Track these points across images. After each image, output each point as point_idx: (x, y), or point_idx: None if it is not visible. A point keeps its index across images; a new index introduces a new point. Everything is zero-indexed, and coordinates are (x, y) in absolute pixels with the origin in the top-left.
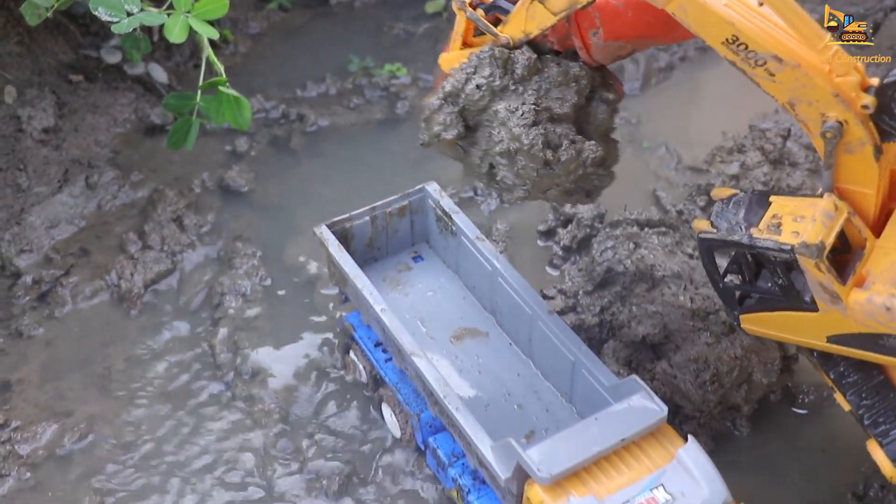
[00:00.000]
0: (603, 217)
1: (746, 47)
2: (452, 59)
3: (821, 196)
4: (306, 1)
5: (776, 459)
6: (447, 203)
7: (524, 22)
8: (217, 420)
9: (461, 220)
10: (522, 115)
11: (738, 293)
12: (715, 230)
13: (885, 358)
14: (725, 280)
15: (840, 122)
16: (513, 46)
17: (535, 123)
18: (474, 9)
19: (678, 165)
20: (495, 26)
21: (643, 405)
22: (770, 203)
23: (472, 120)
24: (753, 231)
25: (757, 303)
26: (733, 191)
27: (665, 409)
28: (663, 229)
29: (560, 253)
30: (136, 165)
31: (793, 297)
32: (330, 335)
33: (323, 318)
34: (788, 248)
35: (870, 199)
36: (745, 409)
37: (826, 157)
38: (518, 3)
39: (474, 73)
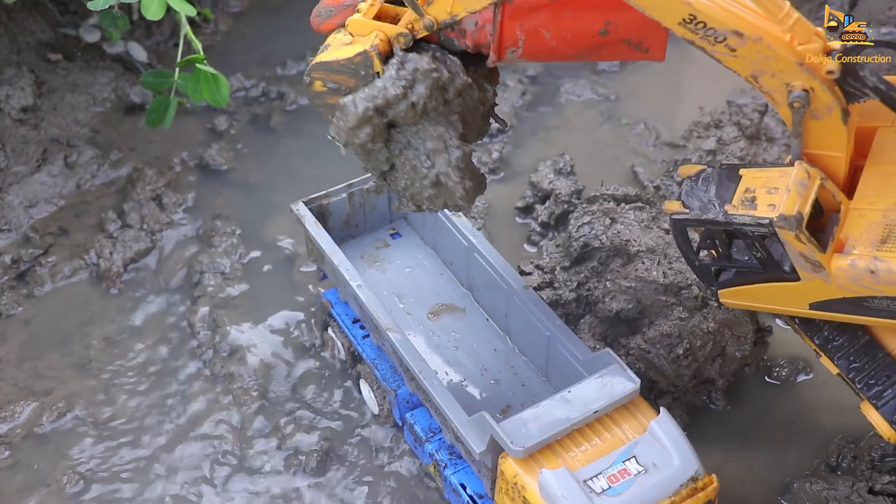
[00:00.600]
0: (580, 193)
1: (705, 25)
2: (361, 26)
3: (790, 165)
4: None
5: (751, 431)
6: None
7: (451, 3)
8: (196, 398)
9: None
10: (455, 151)
11: (714, 269)
12: (687, 210)
13: (871, 319)
14: (700, 257)
15: (806, 91)
16: (435, 28)
17: (463, 157)
18: None
19: (656, 141)
20: None
21: (616, 378)
22: (740, 176)
23: (394, 132)
24: (728, 207)
25: (735, 277)
26: (700, 167)
27: (637, 381)
28: (640, 205)
29: (538, 229)
30: (115, 144)
31: (772, 269)
32: (309, 313)
33: (302, 297)
34: (767, 221)
35: (839, 162)
36: (719, 383)
37: (794, 126)
38: None
39: (411, 88)
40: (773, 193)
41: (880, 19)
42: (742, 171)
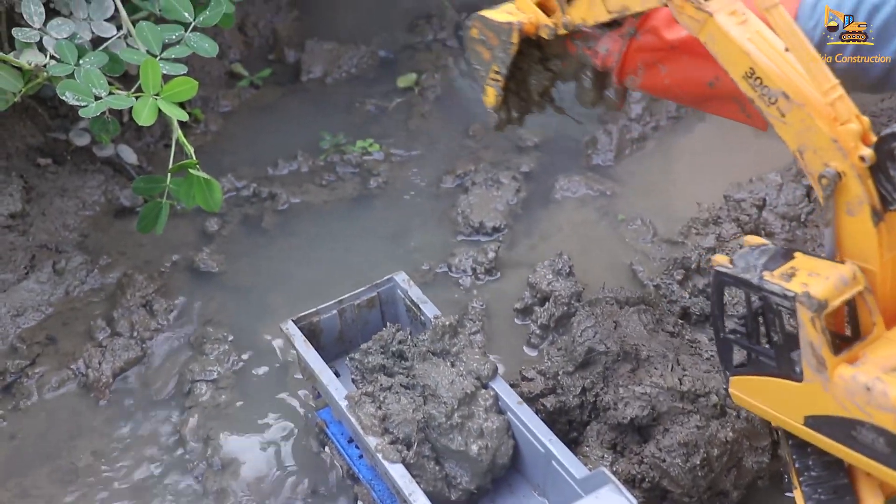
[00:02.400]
0: (580, 295)
1: (761, 82)
2: (524, 5)
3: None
4: (277, 78)
5: None
6: (416, 293)
7: (585, 11)
8: None
9: (429, 310)
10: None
11: (735, 347)
12: (731, 266)
13: (855, 455)
14: (728, 330)
15: (838, 173)
16: (569, 31)
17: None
18: None
19: (654, 238)
20: None
21: (612, 498)
22: (794, 257)
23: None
24: (765, 274)
25: (749, 364)
26: (764, 241)
27: (634, 501)
28: (643, 307)
29: (538, 332)
30: (104, 249)
31: (784, 362)
32: (304, 423)
33: (296, 404)
34: (791, 294)
35: (873, 279)
36: (733, 495)
37: (824, 209)
38: None
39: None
40: (812, 276)
41: (872, 111)
42: (796, 254)
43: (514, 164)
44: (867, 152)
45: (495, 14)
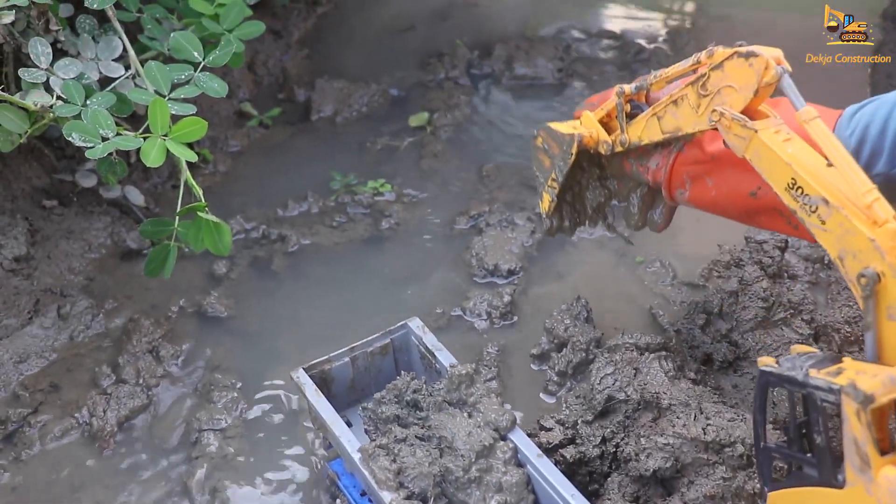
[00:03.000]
0: (599, 341)
1: (802, 191)
2: (588, 121)
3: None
4: (287, 117)
5: None
6: (430, 340)
7: (640, 130)
8: None
9: (445, 357)
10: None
11: (774, 459)
12: (777, 366)
13: None
14: (769, 442)
15: (878, 273)
16: (625, 148)
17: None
18: (626, 103)
19: (674, 281)
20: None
21: None
22: (842, 361)
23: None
24: (811, 370)
25: (789, 477)
26: (813, 349)
27: None
28: (664, 353)
29: (555, 378)
30: (110, 293)
31: (826, 469)
32: (315, 474)
33: (306, 453)
34: (837, 388)
35: None
36: None
37: (864, 312)
38: (642, 114)
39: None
40: (860, 374)
41: None
42: (845, 359)
43: (529, 205)
44: None
45: (560, 126)
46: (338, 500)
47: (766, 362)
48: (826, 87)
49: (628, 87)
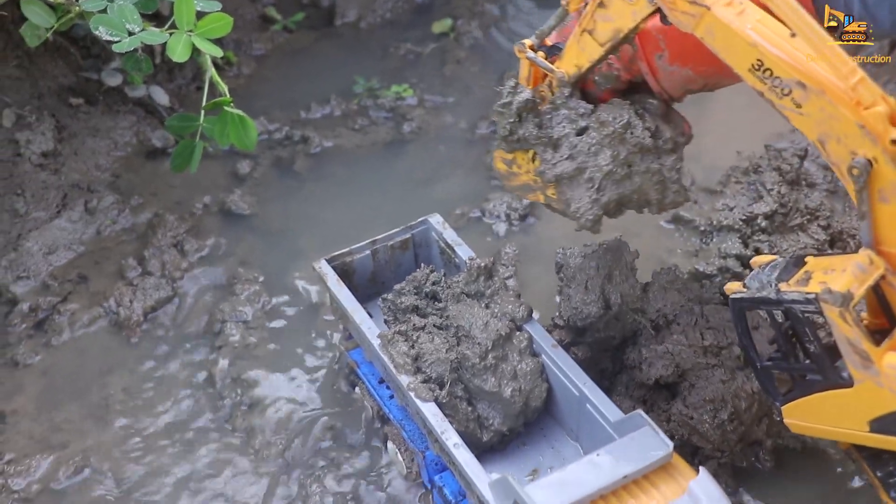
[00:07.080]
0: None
1: (772, 73)
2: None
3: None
4: (311, 22)
5: (800, 493)
6: (450, 235)
7: (576, 56)
8: (217, 453)
9: (464, 252)
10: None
11: (775, 373)
12: (746, 289)
13: None
14: (765, 361)
15: (869, 160)
16: (569, 82)
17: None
18: (535, 51)
19: (692, 187)
20: None
21: (648, 440)
22: (806, 262)
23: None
24: (781, 285)
25: (797, 388)
26: (772, 257)
27: (670, 444)
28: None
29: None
30: (136, 189)
31: (829, 371)
32: (333, 363)
33: (325, 346)
34: (812, 296)
35: None
36: (767, 444)
37: (858, 202)
38: (570, 37)
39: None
40: (828, 273)
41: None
42: (808, 258)
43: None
44: None
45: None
46: (357, 388)
47: (733, 289)
48: None
49: (527, 41)
